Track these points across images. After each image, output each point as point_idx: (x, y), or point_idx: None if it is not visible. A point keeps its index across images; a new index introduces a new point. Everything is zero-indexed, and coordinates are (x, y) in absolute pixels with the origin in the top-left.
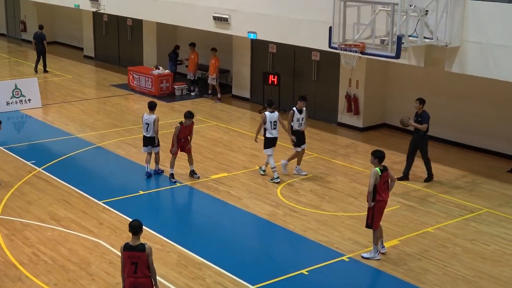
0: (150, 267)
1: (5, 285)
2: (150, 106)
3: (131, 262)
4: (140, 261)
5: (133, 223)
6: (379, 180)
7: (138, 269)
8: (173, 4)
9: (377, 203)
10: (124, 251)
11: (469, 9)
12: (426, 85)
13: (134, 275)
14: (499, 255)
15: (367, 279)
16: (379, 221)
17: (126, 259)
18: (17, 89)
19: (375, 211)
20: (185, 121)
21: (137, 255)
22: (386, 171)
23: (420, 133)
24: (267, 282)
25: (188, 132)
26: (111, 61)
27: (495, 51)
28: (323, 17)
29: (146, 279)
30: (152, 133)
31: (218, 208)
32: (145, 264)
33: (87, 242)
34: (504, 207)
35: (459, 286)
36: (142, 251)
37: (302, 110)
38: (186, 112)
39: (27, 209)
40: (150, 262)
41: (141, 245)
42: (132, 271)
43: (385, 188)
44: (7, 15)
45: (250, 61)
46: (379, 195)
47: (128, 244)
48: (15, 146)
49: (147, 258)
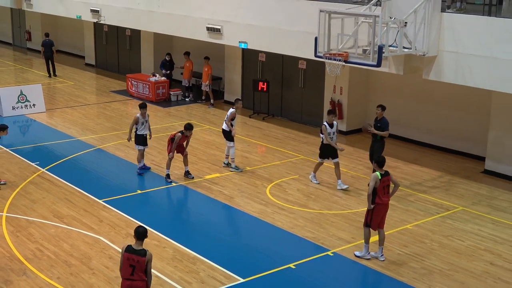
0: (147, 273)
1: (10, 278)
2: (145, 105)
3: (129, 264)
4: (138, 265)
5: (140, 229)
6: (379, 184)
7: (135, 272)
8: (169, 15)
9: (376, 206)
10: (125, 252)
11: (445, 21)
12: (405, 91)
13: (131, 277)
14: (473, 250)
15: (350, 272)
16: (377, 223)
17: (125, 260)
18: (22, 95)
19: (374, 213)
20: (185, 132)
21: (136, 258)
22: (387, 176)
23: (377, 137)
24: (257, 276)
25: (186, 140)
26: (111, 69)
27: (469, 60)
28: (309, 28)
29: (142, 283)
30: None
31: (211, 206)
32: (142, 269)
33: (88, 238)
34: (477, 205)
35: (436, 279)
36: (142, 256)
37: (333, 124)
38: (187, 124)
39: (32, 207)
40: (148, 268)
41: (142, 250)
42: (129, 273)
43: (385, 192)
44: (13, 25)
45: (241, 69)
46: (378, 198)
47: (130, 247)
48: (21, 148)
49: (146, 263)
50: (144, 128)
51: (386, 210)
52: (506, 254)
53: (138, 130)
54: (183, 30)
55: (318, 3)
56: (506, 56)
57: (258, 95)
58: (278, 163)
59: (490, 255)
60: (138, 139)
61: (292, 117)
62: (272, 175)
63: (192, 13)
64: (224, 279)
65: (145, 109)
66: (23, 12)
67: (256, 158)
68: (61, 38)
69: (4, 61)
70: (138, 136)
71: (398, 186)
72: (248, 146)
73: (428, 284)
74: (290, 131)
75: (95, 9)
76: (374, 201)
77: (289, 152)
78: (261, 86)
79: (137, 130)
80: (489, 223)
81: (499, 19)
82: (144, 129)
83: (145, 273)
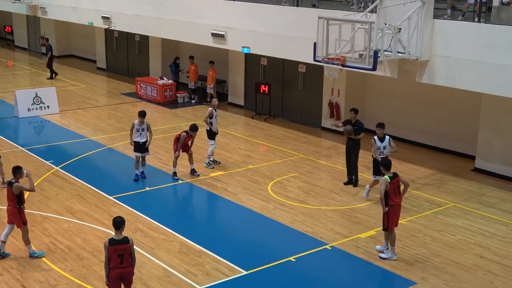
0: (132, 256)
1: (26, 271)
2: (143, 114)
3: (117, 255)
4: (126, 252)
5: (116, 219)
6: (389, 187)
7: (124, 259)
8: (176, 22)
9: (390, 207)
10: (110, 245)
11: (437, 27)
12: (399, 94)
13: (121, 265)
14: (463, 244)
15: (347, 265)
16: (393, 224)
17: (112, 252)
18: (37, 97)
19: (389, 215)
20: (190, 132)
21: (123, 247)
22: (396, 177)
23: (355, 140)
24: (259, 268)
25: (191, 140)
26: (121, 72)
27: (459, 64)
28: (308, 34)
29: (131, 267)
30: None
31: (216, 202)
32: (129, 254)
33: (100, 233)
34: (468, 201)
35: (428, 271)
36: (127, 243)
37: (384, 138)
38: (192, 125)
39: (46, 204)
40: (133, 252)
41: (125, 238)
42: (119, 263)
43: (397, 192)
44: (29, 31)
45: (244, 73)
46: (391, 200)
47: (113, 239)
48: (36, 147)
49: (130, 248)
50: (141, 136)
51: (400, 210)
52: (494, 247)
53: (135, 137)
54: (189, 36)
55: (317, 10)
56: (494, 60)
57: (260, 97)
58: (279, 162)
59: (479, 249)
60: (134, 146)
61: (293, 118)
62: (273, 173)
63: (198, 20)
64: (228, 271)
65: (143, 118)
66: (38, 19)
67: (258, 157)
68: (74, 43)
69: (21, 65)
70: (134, 143)
71: (408, 185)
72: (250, 146)
73: (421, 276)
74: (290, 131)
75: (106, 16)
76: (387, 203)
77: (289, 151)
78: (263, 88)
79: (135, 137)
80: (479, 219)
81: (488, 25)
82: (140, 137)
83: (131, 258)
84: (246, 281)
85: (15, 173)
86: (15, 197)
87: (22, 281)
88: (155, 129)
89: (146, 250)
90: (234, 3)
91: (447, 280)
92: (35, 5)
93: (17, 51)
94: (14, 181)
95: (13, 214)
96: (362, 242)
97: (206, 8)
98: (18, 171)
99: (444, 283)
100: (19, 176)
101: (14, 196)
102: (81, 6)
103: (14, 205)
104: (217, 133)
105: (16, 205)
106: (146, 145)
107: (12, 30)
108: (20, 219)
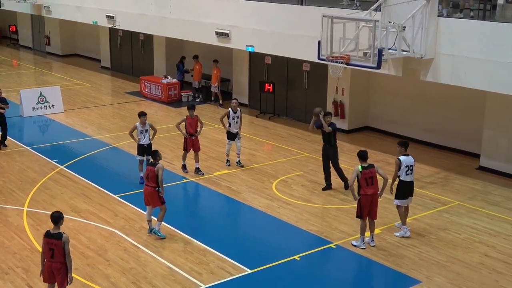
0: (66, 255)
1: (31, 269)
2: (143, 114)
3: (49, 248)
4: (57, 248)
5: (54, 214)
6: (360, 176)
7: (54, 254)
8: (180, 21)
9: (361, 197)
10: (44, 237)
11: (441, 25)
12: (404, 92)
13: (51, 259)
14: (468, 243)
15: (352, 263)
16: (366, 213)
17: (45, 244)
18: (42, 96)
19: (362, 204)
20: (189, 113)
21: (54, 242)
22: (371, 168)
23: (332, 143)
24: (264, 267)
25: (195, 124)
26: (125, 71)
27: (464, 63)
28: (312, 32)
29: (61, 265)
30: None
31: (220, 201)
32: (60, 252)
33: (104, 232)
34: (473, 200)
35: (433, 270)
36: (58, 239)
37: (407, 156)
38: (188, 105)
39: (51, 202)
40: (66, 250)
41: (58, 234)
42: (50, 256)
43: (368, 183)
44: (33, 30)
45: (248, 71)
46: (362, 190)
47: (48, 232)
48: (40, 146)
49: (63, 246)
50: (145, 138)
51: (373, 201)
52: (499, 246)
53: (139, 140)
54: (193, 35)
55: (321, 9)
56: (499, 58)
57: (264, 96)
58: (283, 160)
59: (484, 247)
60: (138, 149)
61: (297, 116)
62: (277, 171)
63: (202, 19)
64: (232, 270)
65: (145, 117)
66: (42, 18)
67: (263, 156)
68: (78, 42)
69: (25, 64)
70: (138, 146)
71: (386, 179)
72: (255, 144)
73: (425, 274)
74: (295, 130)
75: (110, 15)
76: (359, 193)
77: (294, 150)
78: (267, 87)
79: (138, 140)
80: (484, 217)
81: (493, 23)
82: (144, 139)
83: (64, 256)
84: (250, 280)
85: (155, 156)
86: (156, 180)
87: (27, 280)
88: (159, 127)
89: (151, 248)
90: (238, 2)
91: (452, 278)
92: (39, 5)
93: (22, 51)
94: (157, 163)
95: (151, 195)
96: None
97: (210, 7)
98: (158, 154)
99: (449, 282)
100: (159, 158)
101: (156, 179)
102: (85, 5)
103: (154, 187)
104: (237, 134)
105: (156, 187)
106: (150, 140)
107: (17, 29)
108: (159, 200)
